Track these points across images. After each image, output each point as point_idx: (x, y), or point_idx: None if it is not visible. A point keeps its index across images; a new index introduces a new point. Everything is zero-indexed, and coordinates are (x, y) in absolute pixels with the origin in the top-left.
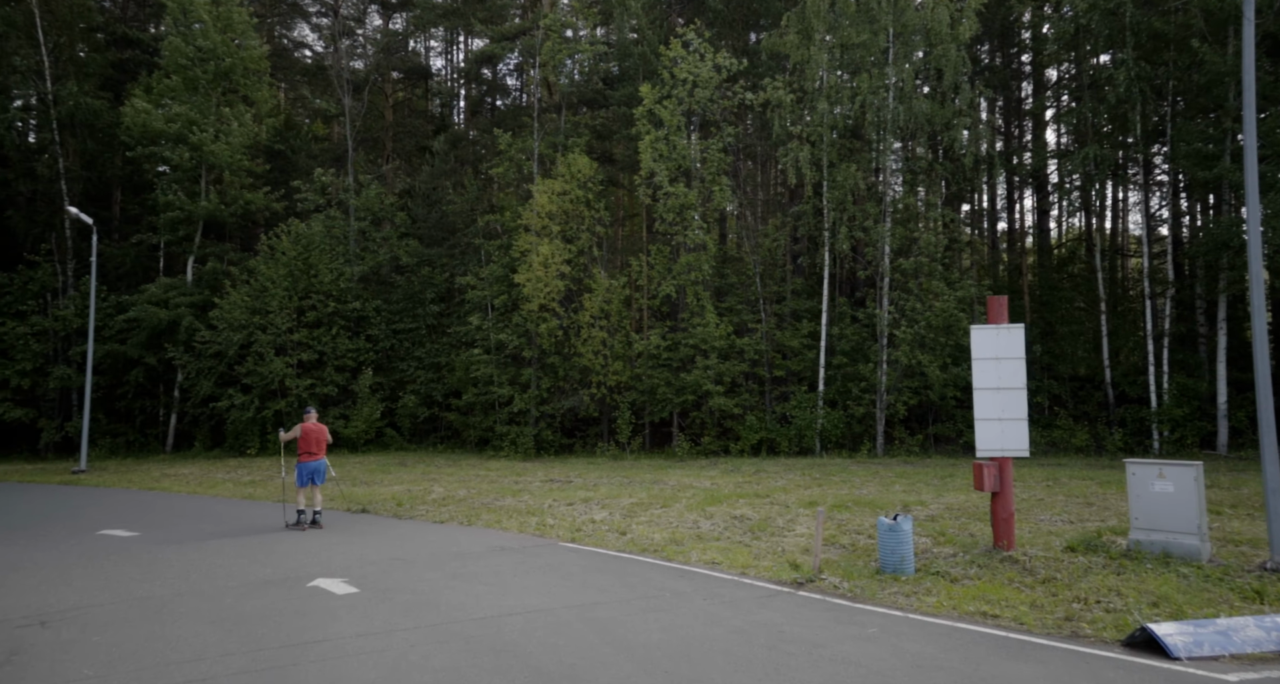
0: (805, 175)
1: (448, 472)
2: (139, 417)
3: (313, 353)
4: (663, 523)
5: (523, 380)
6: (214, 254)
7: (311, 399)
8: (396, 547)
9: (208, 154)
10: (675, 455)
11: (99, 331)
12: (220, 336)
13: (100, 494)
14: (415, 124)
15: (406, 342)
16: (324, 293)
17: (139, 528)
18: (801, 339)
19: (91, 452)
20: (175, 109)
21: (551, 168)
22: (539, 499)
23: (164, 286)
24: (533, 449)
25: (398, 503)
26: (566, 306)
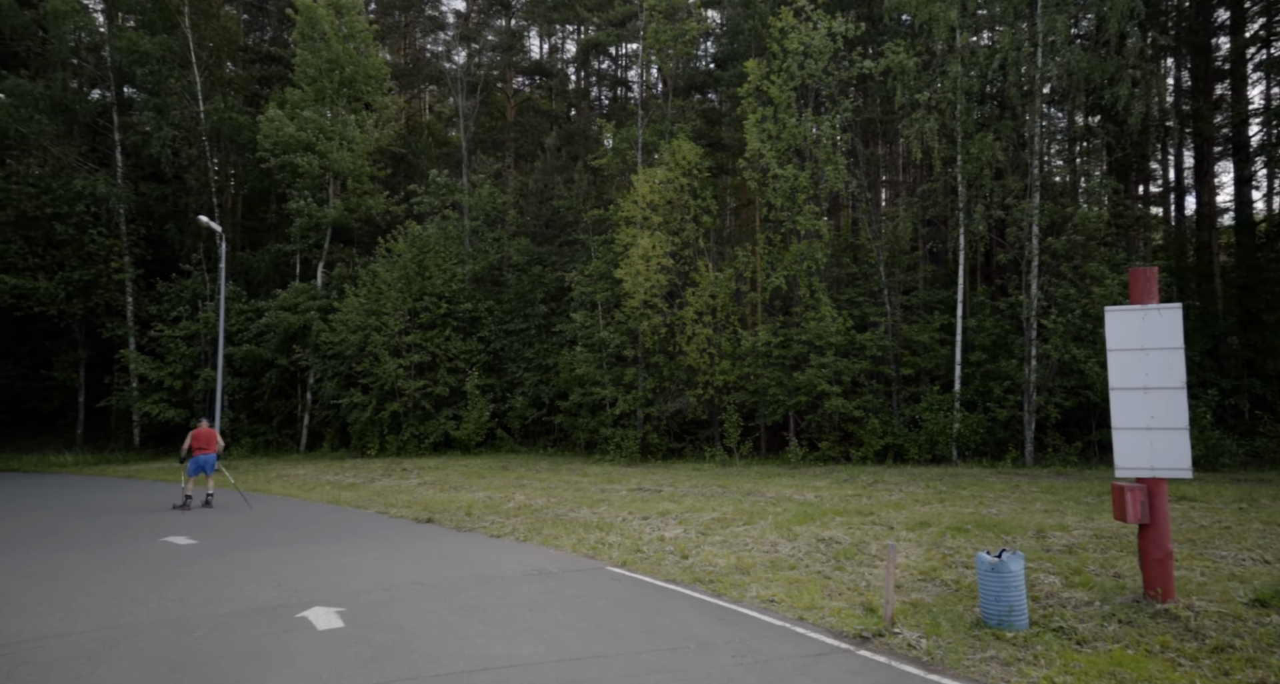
0: (934, 149)
1: (541, 477)
2: (277, 416)
3: (425, 354)
4: (736, 544)
5: (626, 381)
6: (341, 259)
7: (425, 399)
8: (429, 567)
9: (333, 161)
10: (788, 462)
11: (239, 335)
12: (339, 338)
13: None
14: (534, 122)
15: (516, 342)
16: (436, 294)
17: (203, 535)
18: (933, 333)
19: (234, 450)
20: (305, 119)
21: (656, 157)
22: (616, 511)
23: (295, 291)
24: (637, 453)
25: (467, 512)
26: (670, 302)
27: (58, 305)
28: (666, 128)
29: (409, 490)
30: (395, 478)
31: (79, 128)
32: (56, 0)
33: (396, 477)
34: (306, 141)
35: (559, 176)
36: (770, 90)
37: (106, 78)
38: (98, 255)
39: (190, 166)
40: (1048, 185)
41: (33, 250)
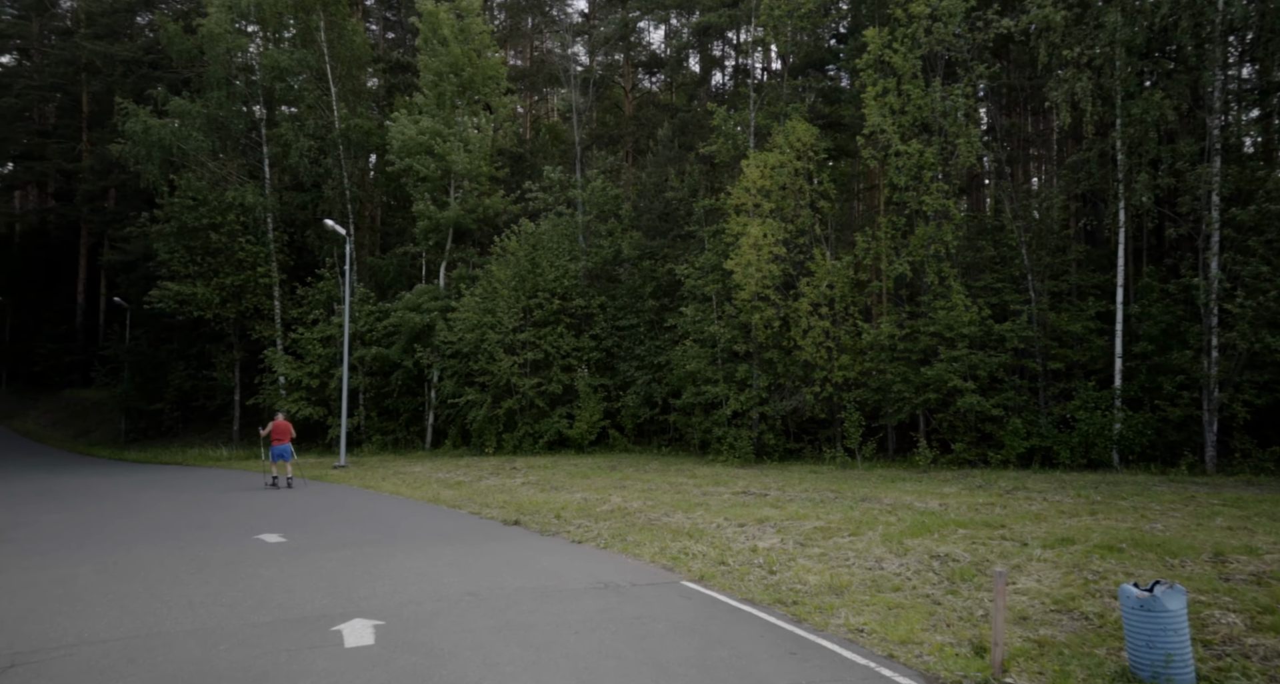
0: (1086, 112)
1: (646, 479)
2: (404, 414)
3: (539, 352)
4: (835, 558)
5: (738, 378)
6: (461, 259)
7: (539, 397)
8: (493, 575)
9: (452, 163)
10: (916, 465)
11: (367, 336)
12: (456, 337)
13: (321, 491)
14: (652, 115)
15: (628, 339)
16: (549, 291)
17: (294, 533)
18: (1087, 322)
19: (364, 447)
20: (425, 123)
21: (769, 140)
22: (711, 517)
23: (419, 292)
24: (752, 454)
25: (557, 515)
26: (784, 294)
27: (213, 309)
28: (781, 109)
29: (510, 490)
30: (502, 477)
31: (232, 143)
32: (212, 23)
33: (504, 475)
34: (426, 145)
35: (671, 168)
36: (893, 60)
37: (257, 95)
38: (247, 262)
39: (326, 175)
40: (1231, 148)
41: (192, 258)
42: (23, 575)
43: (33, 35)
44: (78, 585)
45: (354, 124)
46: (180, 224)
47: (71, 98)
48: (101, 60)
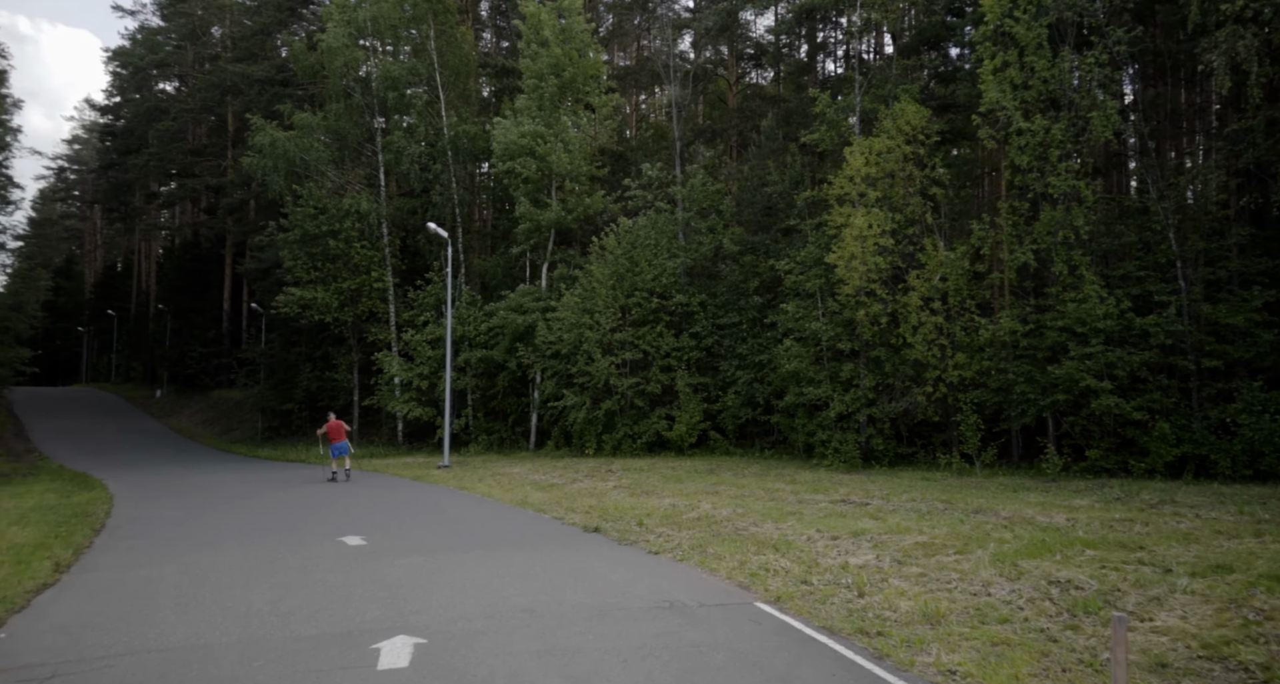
0: (1250, 74)
1: (742, 484)
2: (511, 415)
3: (637, 351)
4: (935, 580)
5: (843, 378)
6: (563, 259)
7: (639, 398)
8: (554, 589)
9: (552, 164)
10: (1043, 473)
11: (475, 338)
12: (555, 337)
13: (418, 491)
14: (757, 107)
15: (729, 338)
16: (647, 290)
17: (376, 536)
18: (1251, 314)
19: (470, 447)
20: (526, 124)
21: (876, 125)
22: (803, 527)
23: (521, 293)
24: (858, 459)
25: (640, 522)
26: (891, 288)
27: (332, 313)
28: (890, 91)
29: (600, 494)
30: (595, 479)
31: (350, 152)
32: (330, 39)
33: (597, 478)
34: (527, 146)
35: (771, 161)
36: (1014, 30)
37: (372, 105)
38: (362, 266)
39: (435, 181)
40: None
41: (313, 264)
42: (113, 575)
43: (188, 62)
44: (154, 588)
45: (462, 130)
46: (303, 232)
47: (219, 118)
48: (241, 81)
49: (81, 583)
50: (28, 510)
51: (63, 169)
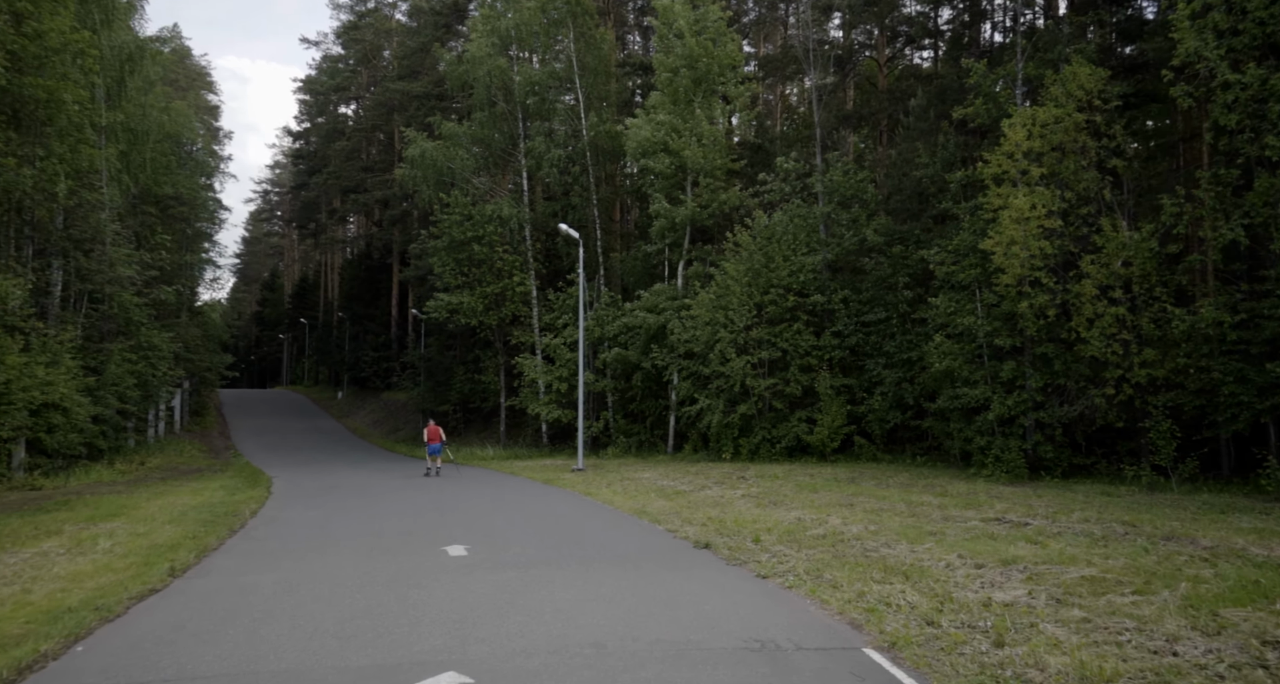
0: None
1: (882, 495)
2: (649, 417)
3: (774, 351)
4: (1102, 628)
5: (1004, 377)
6: (698, 256)
7: (777, 399)
8: (635, 620)
9: (686, 159)
10: (1263, 490)
11: (615, 338)
12: (688, 337)
13: (540, 496)
14: (908, 87)
15: (875, 335)
16: (784, 286)
17: (482, 546)
18: None
19: (609, 450)
20: (660, 118)
21: (1041, 92)
22: (944, 552)
23: (655, 292)
24: (1024, 468)
25: (757, 538)
26: (1061, 275)
27: (477, 317)
28: (1059, 54)
29: (724, 504)
30: (725, 487)
31: (493, 159)
32: (474, 48)
33: (728, 485)
34: (661, 142)
35: (921, 143)
36: None
37: (515, 111)
38: (504, 271)
39: (574, 183)
40: None
41: (460, 270)
42: (217, 582)
43: (363, 85)
44: (245, 599)
45: (601, 130)
46: (450, 239)
47: (387, 135)
48: (403, 98)
49: (185, 590)
50: (189, 508)
51: (266, 191)
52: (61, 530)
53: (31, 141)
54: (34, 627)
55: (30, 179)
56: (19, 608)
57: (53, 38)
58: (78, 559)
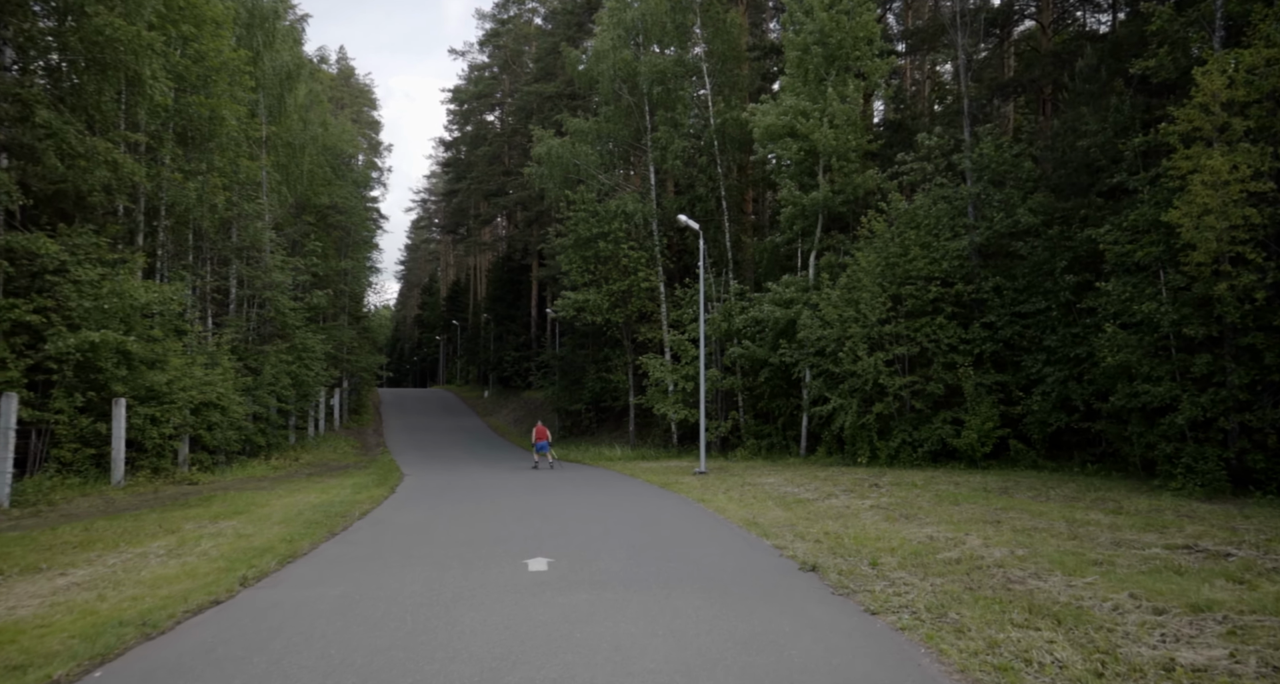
0: None
1: (1039, 510)
2: (780, 417)
3: (913, 346)
4: None
5: (1196, 373)
6: (831, 246)
7: (917, 399)
8: (699, 667)
9: (816, 142)
10: None
11: (741, 333)
12: (816, 334)
13: (649, 502)
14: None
15: (1032, 327)
16: (923, 276)
17: (565, 561)
18: None
19: (738, 452)
20: (788, 102)
21: (1246, 32)
22: (1111, 588)
23: (785, 284)
24: (1225, 482)
25: (875, 561)
26: (1273, 251)
27: (603, 315)
28: None
29: (848, 516)
30: (854, 496)
31: (619, 153)
32: (599, 42)
33: (857, 494)
34: (788, 127)
35: (1087, 108)
36: None
37: (641, 104)
38: (630, 267)
39: (700, 174)
40: None
41: (587, 267)
42: (279, 595)
43: (506, 90)
44: (294, 619)
45: (729, 117)
46: (576, 236)
47: (525, 137)
48: (538, 100)
49: (244, 604)
50: (308, 507)
51: (424, 200)
52: (180, 528)
53: (197, 157)
54: (73, 644)
55: (194, 192)
56: (80, 618)
57: (212, 58)
58: (170, 562)
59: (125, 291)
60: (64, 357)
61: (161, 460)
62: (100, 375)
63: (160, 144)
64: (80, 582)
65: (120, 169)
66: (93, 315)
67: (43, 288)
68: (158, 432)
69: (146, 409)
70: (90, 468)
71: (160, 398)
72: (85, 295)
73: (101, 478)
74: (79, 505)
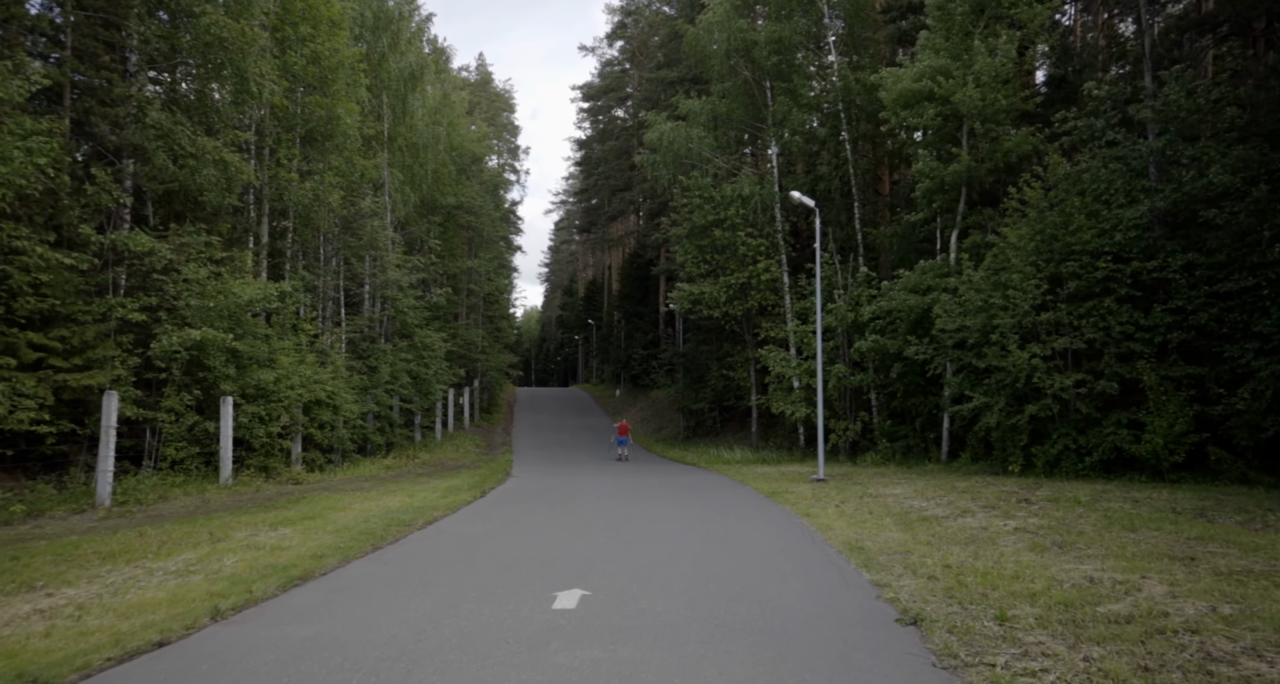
0: None
1: (1249, 543)
2: (918, 418)
3: (1076, 337)
4: None
5: None
6: (977, 223)
7: (1082, 399)
8: None
9: (958, 104)
10: None
11: (871, 324)
12: (955, 324)
13: (743, 515)
14: None
15: (1235, 311)
16: (1090, 251)
17: (608, 591)
18: None
19: (869, 456)
20: (926, 61)
21: None
22: None
23: (920, 270)
24: None
25: (1002, 615)
26: None
27: (720, 308)
28: None
29: (982, 541)
30: (995, 514)
31: (734, 133)
32: (710, 16)
33: (1000, 512)
34: (924, 90)
35: None
36: None
37: (760, 78)
38: (749, 256)
39: (822, 150)
40: None
41: (703, 257)
42: (237, 635)
43: (635, 84)
44: (222, 673)
45: (858, 85)
46: (691, 225)
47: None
48: (660, 87)
49: (184, 649)
50: (379, 513)
51: (563, 202)
52: (228, 536)
53: (316, 157)
54: None
55: (310, 191)
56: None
57: (329, 58)
58: (169, 583)
59: (228, 290)
60: (171, 355)
61: (270, 459)
62: (209, 374)
63: (278, 144)
64: (53, 607)
65: (229, 168)
66: (199, 314)
67: (150, 287)
68: (265, 430)
69: (253, 408)
70: (201, 466)
71: (268, 396)
72: (191, 294)
73: (211, 476)
74: (174, 505)
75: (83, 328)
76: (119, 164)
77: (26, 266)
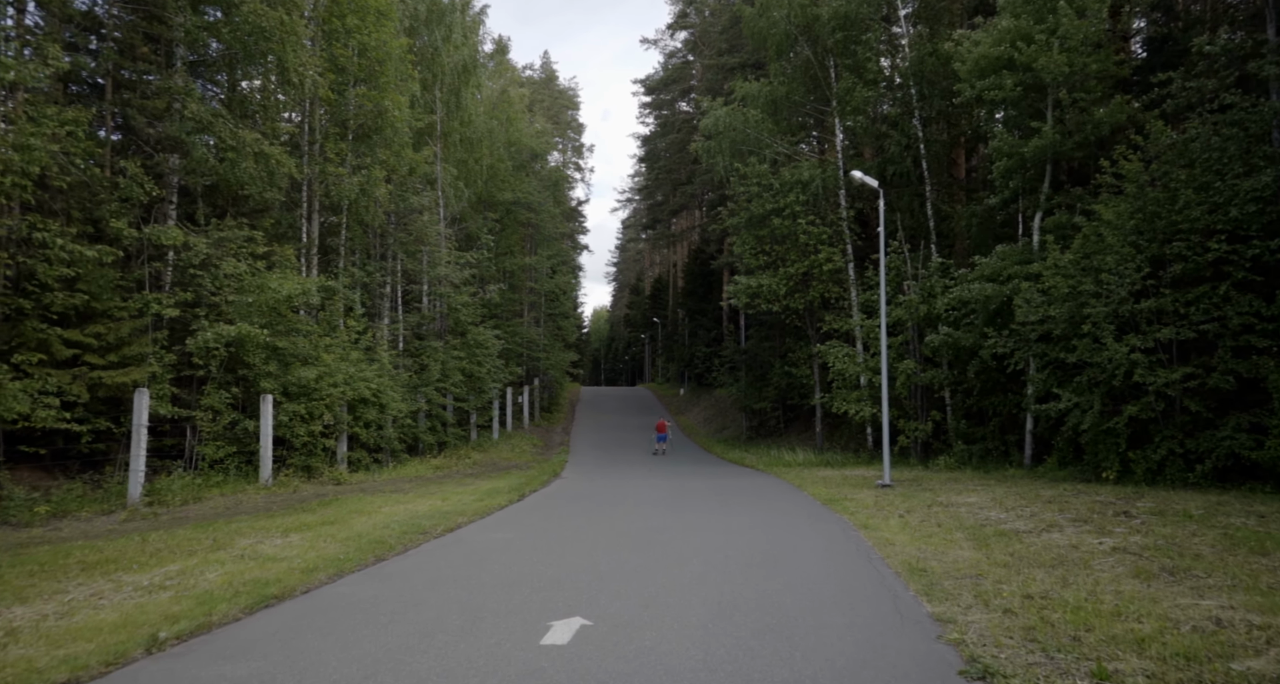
0: None
1: None
2: (995, 418)
3: (1185, 328)
4: None
5: None
6: (1064, 203)
7: (1191, 398)
8: None
9: (1041, 71)
10: None
11: (945, 316)
12: (1037, 315)
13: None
14: None
15: None
16: (1200, 230)
17: (612, 621)
18: None
19: (942, 459)
20: (1004, 24)
21: None
22: None
23: (999, 255)
24: None
25: (1100, 671)
26: None
27: (780, 301)
28: None
29: (1072, 564)
30: (1087, 530)
31: (794, 117)
32: None
33: (1092, 528)
34: (1003, 57)
35: None
36: None
37: (821, 54)
38: (810, 246)
39: (889, 130)
40: None
41: (761, 248)
42: (163, 672)
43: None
44: None
45: (930, 55)
46: (749, 214)
47: None
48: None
49: None
50: (401, 519)
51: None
52: (231, 544)
53: (364, 151)
54: None
55: (357, 186)
56: None
57: (376, 50)
58: (129, 602)
59: (264, 284)
60: (209, 352)
61: (312, 459)
62: (249, 371)
63: (326, 138)
64: None
65: (269, 161)
66: (236, 309)
67: (186, 282)
68: (305, 429)
69: (294, 406)
70: (241, 465)
71: (310, 394)
72: (227, 289)
73: (251, 476)
74: (204, 507)
75: (118, 324)
76: (157, 157)
77: (49, 259)
